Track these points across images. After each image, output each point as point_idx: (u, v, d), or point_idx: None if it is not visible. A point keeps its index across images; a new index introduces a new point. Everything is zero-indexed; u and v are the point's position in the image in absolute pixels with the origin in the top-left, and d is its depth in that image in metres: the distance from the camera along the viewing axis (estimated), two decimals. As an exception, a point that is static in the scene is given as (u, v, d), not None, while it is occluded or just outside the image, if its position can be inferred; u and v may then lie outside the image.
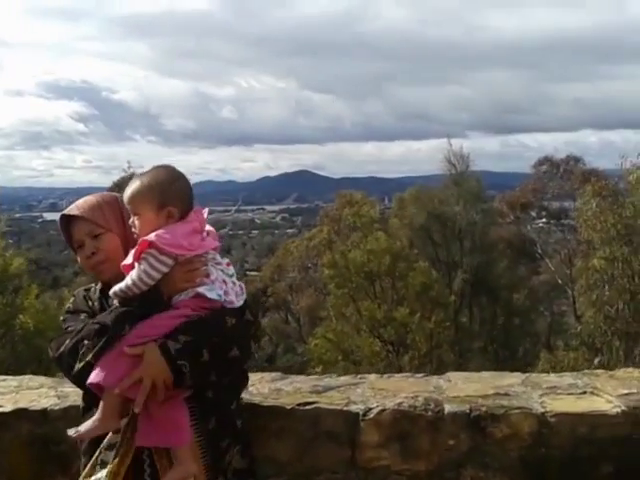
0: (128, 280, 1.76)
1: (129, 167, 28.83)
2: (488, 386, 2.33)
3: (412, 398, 2.20)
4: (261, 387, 2.31)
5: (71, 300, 2.01)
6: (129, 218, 1.88)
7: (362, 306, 19.88)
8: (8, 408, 2.40)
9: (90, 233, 1.91)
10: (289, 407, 2.21)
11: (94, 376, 1.72)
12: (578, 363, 13.77)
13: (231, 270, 1.90)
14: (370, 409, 2.16)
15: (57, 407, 2.35)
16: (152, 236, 1.74)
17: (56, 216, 2.04)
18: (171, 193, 1.82)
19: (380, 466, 2.14)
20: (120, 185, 27.48)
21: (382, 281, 20.28)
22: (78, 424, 1.86)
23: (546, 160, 25.02)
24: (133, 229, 1.85)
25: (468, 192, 23.42)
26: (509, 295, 22.88)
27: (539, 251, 26.06)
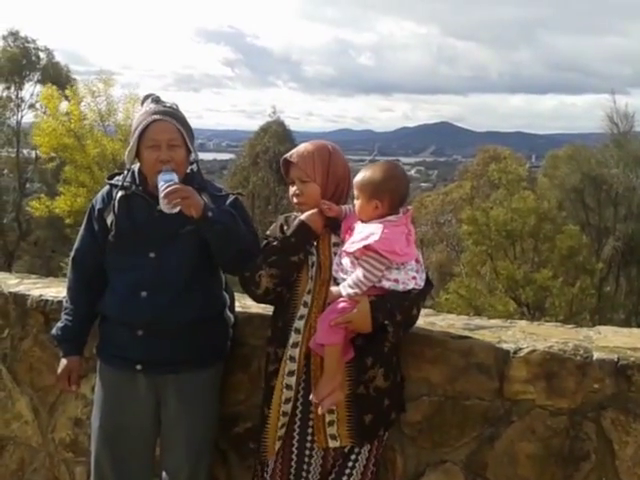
0: (355, 280, 2.10)
1: (274, 112, 29.61)
2: (638, 340, 2.42)
3: (562, 343, 2.34)
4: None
5: (272, 226, 2.38)
6: (335, 171, 2.27)
7: (500, 265, 19.49)
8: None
9: (299, 178, 2.27)
10: (444, 338, 2.45)
11: (318, 339, 2.11)
12: None
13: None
14: (520, 349, 2.32)
15: (243, 316, 2.68)
16: (372, 241, 2.07)
17: (204, 156, 2.40)
18: (382, 189, 2.15)
19: (525, 399, 2.32)
20: (265, 129, 28.31)
21: (524, 242, 19.67)
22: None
23: None
24: (350, 206, 2.23)
25: (630, 155, 21.75)
26: (663, 269, 21.28)
27: None
